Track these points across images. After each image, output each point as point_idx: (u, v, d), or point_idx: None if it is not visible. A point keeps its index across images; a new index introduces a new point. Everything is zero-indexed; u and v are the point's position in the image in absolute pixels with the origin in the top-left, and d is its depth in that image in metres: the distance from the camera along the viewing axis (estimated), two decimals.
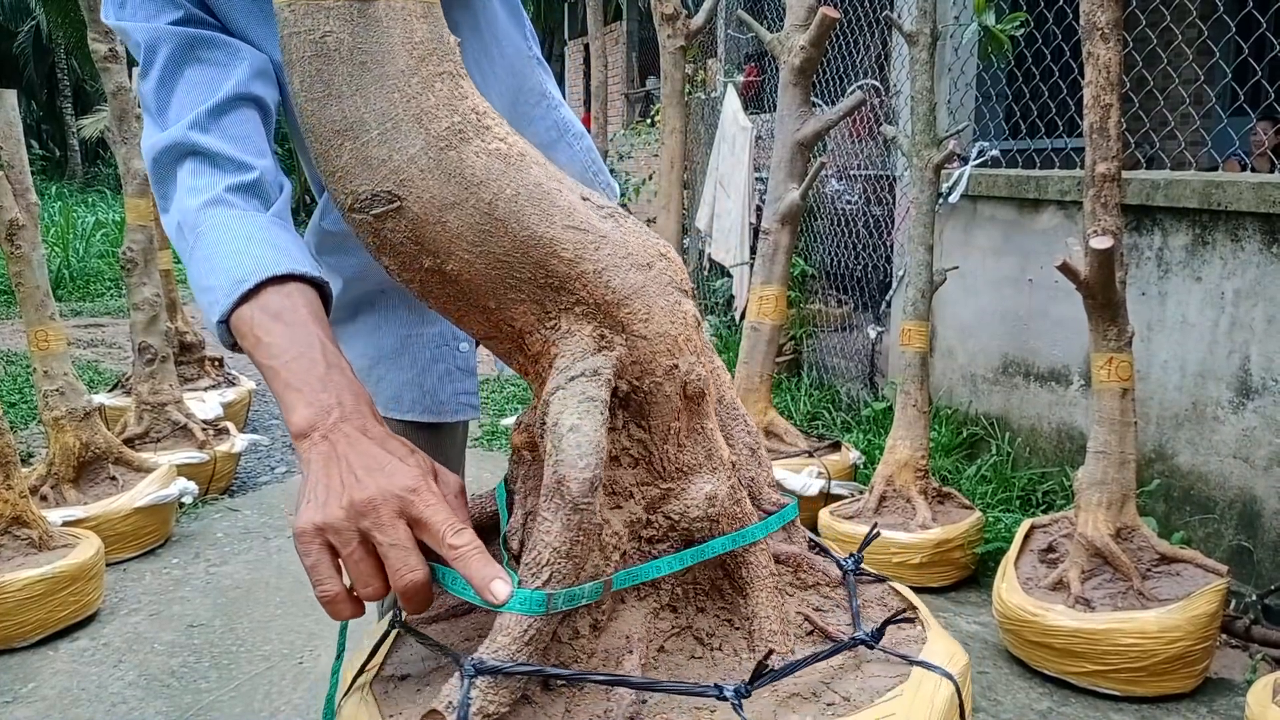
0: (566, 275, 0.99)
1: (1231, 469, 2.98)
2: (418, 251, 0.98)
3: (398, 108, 0.96)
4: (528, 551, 0.92)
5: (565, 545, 0.92)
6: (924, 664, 1.03)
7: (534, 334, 1.01)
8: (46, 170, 21.25)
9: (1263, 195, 2.84)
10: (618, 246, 1.01)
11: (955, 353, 4.22)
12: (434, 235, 0.97)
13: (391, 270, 1.01)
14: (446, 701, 0.84)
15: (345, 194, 0.97)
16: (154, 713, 2.47)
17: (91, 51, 3.86)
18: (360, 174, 0.96)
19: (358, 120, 0.96)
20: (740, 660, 1.02)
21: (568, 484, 0.91)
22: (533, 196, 0.98)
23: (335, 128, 0.96)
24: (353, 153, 0.96)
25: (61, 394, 3.38)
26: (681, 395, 1.03)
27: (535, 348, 1.02)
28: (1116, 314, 2.52)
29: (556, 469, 0.92)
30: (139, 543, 3.44)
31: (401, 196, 0.96)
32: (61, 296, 8.75)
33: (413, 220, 0.96)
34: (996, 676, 2.60)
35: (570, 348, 1.00)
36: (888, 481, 3.22)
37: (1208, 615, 2.39)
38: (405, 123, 0.97)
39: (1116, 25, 2.45)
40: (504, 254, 0.98)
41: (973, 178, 3.96)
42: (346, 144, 0.96)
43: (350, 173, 0.97)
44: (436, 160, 0.97)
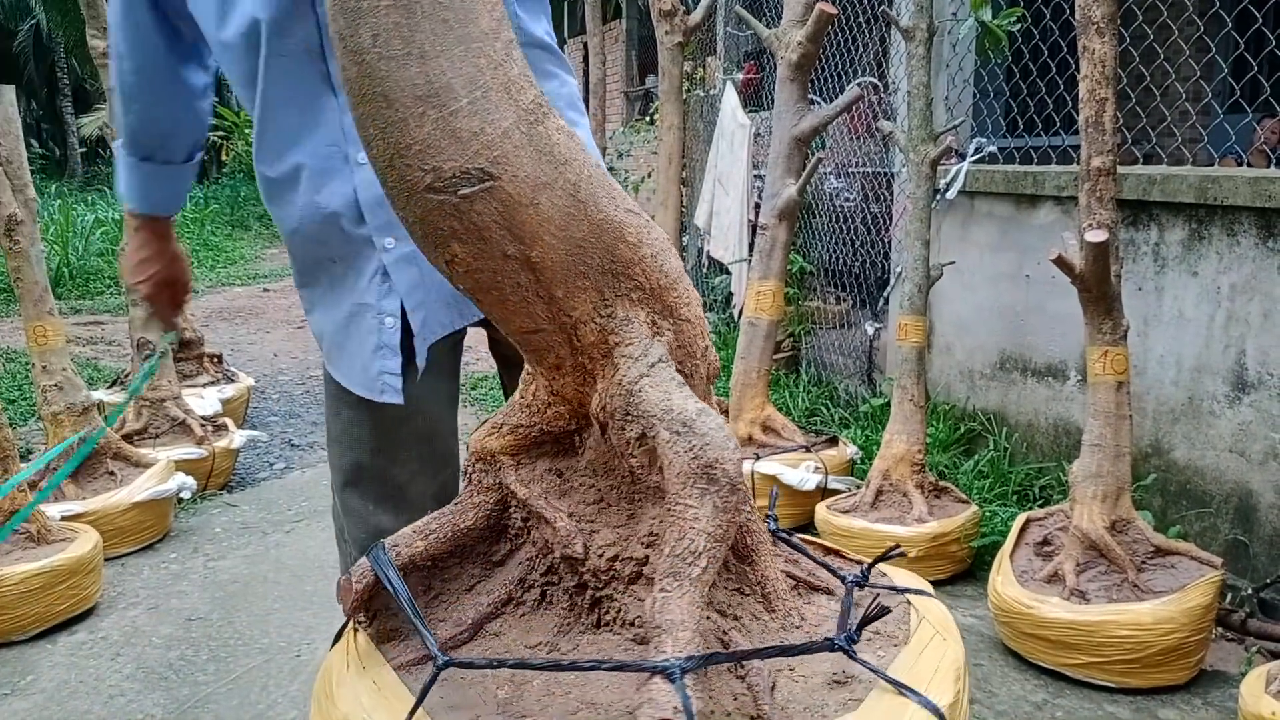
0: (629, 260, 0.95)
1: (1227, 463, 2.99)
2: (504, 237, 0.88)
3: (485, 74, 0.85)
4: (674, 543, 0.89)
5: (719, 529, 0.89)
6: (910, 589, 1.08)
7: (589, 323, 0.96)
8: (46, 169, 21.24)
9: (1259, 190, 2.84)
10: (662, 231, 1.01)
11: (953, 349, 4.22)
12: (525, 219, 0.88)
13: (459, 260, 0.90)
14: (671, 707, 0.81)
15: (424, 171, 0.85)
16: (151, 705, 2.48)
17: (90, 48, 3.87)
18: (447, 148, 0.84)
19: (444, 86, 0.84)
20: (765, 623, 1.02)
21: (722, 466, 0.89)
22: (600, 179, 0.93)
23: (418, 92, 0.83)
24: (437, 123, 0.84)
25: (60, 389, 3.38)
26: (706, 377, 1.04)
27: (589, 337, 0.96)
28: (1111, 307, 2.53)
29: (702, 453, 0.89)
30: (137, 537, 3.45)
31: (496, 175, 0.86)
32: (61, 294, 8.75)
33: (505, 202, 0.87)
34: (992, 669, 2.61)
35: (632, 334, 0.96)
36: (884, 476, 3.22)
37: (1202, 607, 2.40)
38: (495, 92, 0.86)
39: (1112, 19, 2.45)
40: (582, 238, 0.92)
41: (970, 174, 3.96)
42: (430, 113, 0.84)
43: (433, 146, 0.84)
44: (528, 135, 0.87)
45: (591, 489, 1.06)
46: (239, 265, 11.76)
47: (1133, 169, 3.30)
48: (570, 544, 1.01)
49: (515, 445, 1.07)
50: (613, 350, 0.96)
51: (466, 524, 1.08)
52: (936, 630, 1.05)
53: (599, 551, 1.01)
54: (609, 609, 1.02)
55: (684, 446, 0.90)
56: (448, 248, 0.89)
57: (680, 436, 0.90)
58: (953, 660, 1.00)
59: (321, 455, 4.60)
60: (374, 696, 0.97)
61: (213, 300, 9.29)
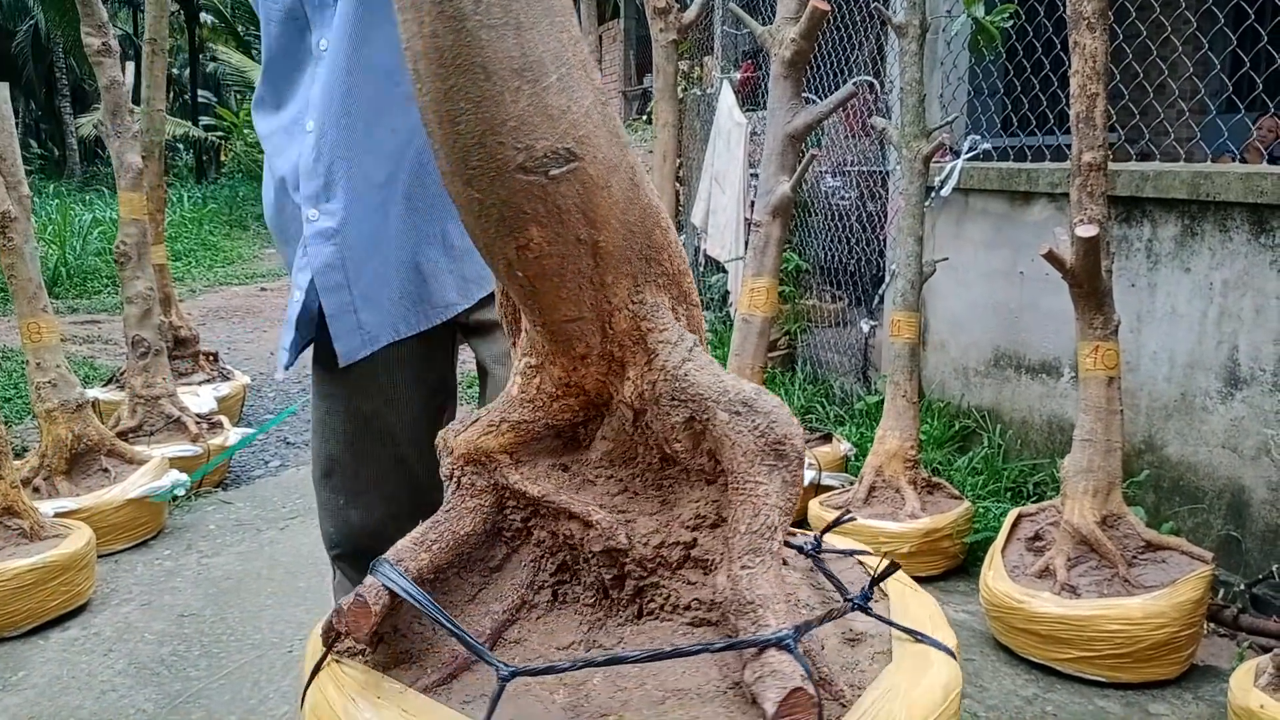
0: (661, 245, 0.94)
1: (1220, 459, 2.99)
2: (579, 221, 0.85)
3: (569, 50, 0.82)
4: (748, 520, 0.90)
5: (787, 503, 0.91)
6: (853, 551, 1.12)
7: (623, 310, 0.94)
8: (45, 169, 21.26)
9: (1250, 185, 2.85)
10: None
11: (947, 346, 4.23)
12: (600, 202, 0.85)
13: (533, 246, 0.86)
14: (799, 675, 0.82)
15: (517, 149, 0.81)
16: (143, 700, 2.48)
17: (85, 46, 3.87)
18: (541, 126, 0.81)
19: (537, 60, 0.80)
20: None
21: (791, 442, 0.90)
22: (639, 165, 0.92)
23: (514, 65, 0.79)
24: (531, 99, 0.80)
25: (54, 386, 3.39)
26: None
27: (622, 324, 0.95)
28: (1102, 302, 2.53)
29: (769, 430, 0.90)
30: (131, 534, 3.45)
31: (580, 156, 0.83)
32: (59, 294, 8.76)
33: (585, 184, 0.84)
34: (983, 664, 2.61)
35: (663, 320, 0.96)
36: (877, 472, 3.23)
37: (1193, 602, 2.40)
38: (577, 69, 0.83)
39: (1103, 14, 2.46)
40: (634, 223, 0.91)
41: (965, 171, 3.96)
42: (525, 88, 0.80)
43: (528, 124, 0.80)
44: (603, 116, 0.84)
45: (612, 480, 1.04)
46: (237, 265, 11.77)
47: (1126, 165, 3.31)
48: (614, 535, 0.99)
49: (515, 443, 1.03)
50: (645, 336, 0.95)
51: (465, 530, 1.03)
52: (904, 585, 1.09)
53: (643, 540, 1.00)
54: (653, 597, 1.00)
55: (748, 425, 0.91)
56: (525, 232, 0.85)
57: (741, 416, 0.91)
58: (935, 606, 1.05)
59: None
60: None
61: (210, 299, 9.29)
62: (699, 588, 0.99)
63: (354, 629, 0.94)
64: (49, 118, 25.16)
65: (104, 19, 3.85)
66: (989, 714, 2.38)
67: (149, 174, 4.38)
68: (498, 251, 0.88)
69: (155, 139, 4.64)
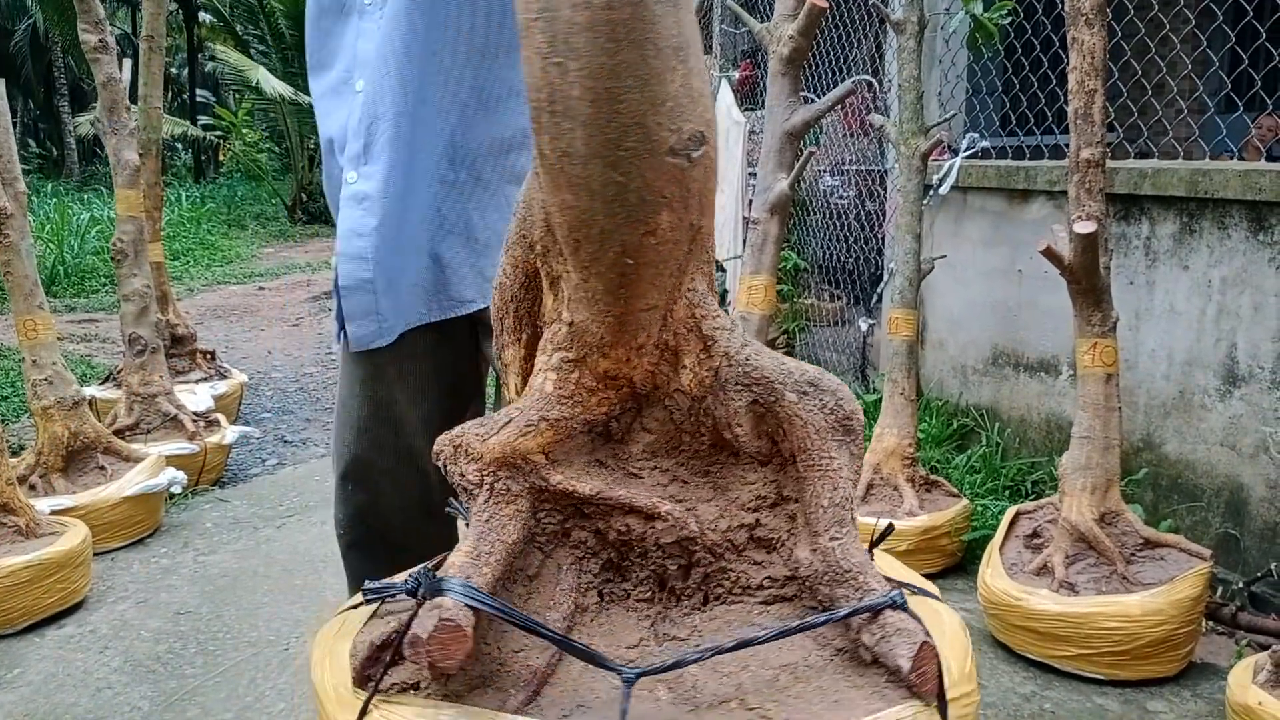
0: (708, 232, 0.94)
1: (1219, 457, 2.99)
2: (696, 205, 0.86)
3: (693, 31, 0.81)
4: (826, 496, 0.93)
5: (856, 474, 0.94)
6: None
7: (682, 297, 0.94)
8: (44, 169, 21.25)
9: (1249, 183, 2.84)
10: None
11: (946, 344, 4.22)
12: (712, 187, 0.87)
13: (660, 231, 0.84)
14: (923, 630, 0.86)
15: (670, 130, 0.80)
16: (139, 697, 2.47)
17: (81, 42, 3.86)
18: (689, 108, 0.80)
19: (688, 40, 0.79)
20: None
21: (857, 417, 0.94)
22: None
23: (674, 43, 0.78)
24: (683, 80, 0.79)
25: (50, 383, 3.38)
26: None
27: (680, 312, 0.95)
28: (1100, 299, 2.53)
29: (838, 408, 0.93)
30: (128, 532, 3.44)
31: (708, 140, 0.83)
32: (56, 292, 8.74)
33: (707, 168, 0.84)
34: (981, 661, 2.61)
35: (712, 306, 0.97)
36: (875, 469, 3.22)
37: (1191, 599, 2.39)
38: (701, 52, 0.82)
39: (1100, 10, 2.45)
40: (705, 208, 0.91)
41: (963, 169, 3.96)
42: (679, 67, 0.79)
43: (680, 105, 0.80)
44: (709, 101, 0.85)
45: (658, 471, 1.03)
46: (235, 264, 11.75)
47: (1124, 163, 3.31)
48: (685, 525, 0.99)
49: (553, 442, 0.99)
50: (700, 324, 0.96)
51: (513, 538, 0.97)
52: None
53: (711, 526, 1.00)
54: (720, 581, 1.01)
55: (816, 404, 0.94)
56: (656, 216, 0.83)
57: (810, 395, 0.94)
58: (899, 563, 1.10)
59: (315, 451, 4.60)
60: None
61: (208, 298, 9.29)
62: (767, 566, 1.01)
63: (444, 657, 0.85)
64: (47, 117, 25.13)
65: (101, 16, 3.84)
66: (987, 711, 2.37)
67: (146, 171, 4.38)
68: (616, 239, 0.84)
69: (152, 136, 4.63)
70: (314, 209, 15.89)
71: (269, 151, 17.77)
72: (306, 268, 11.38)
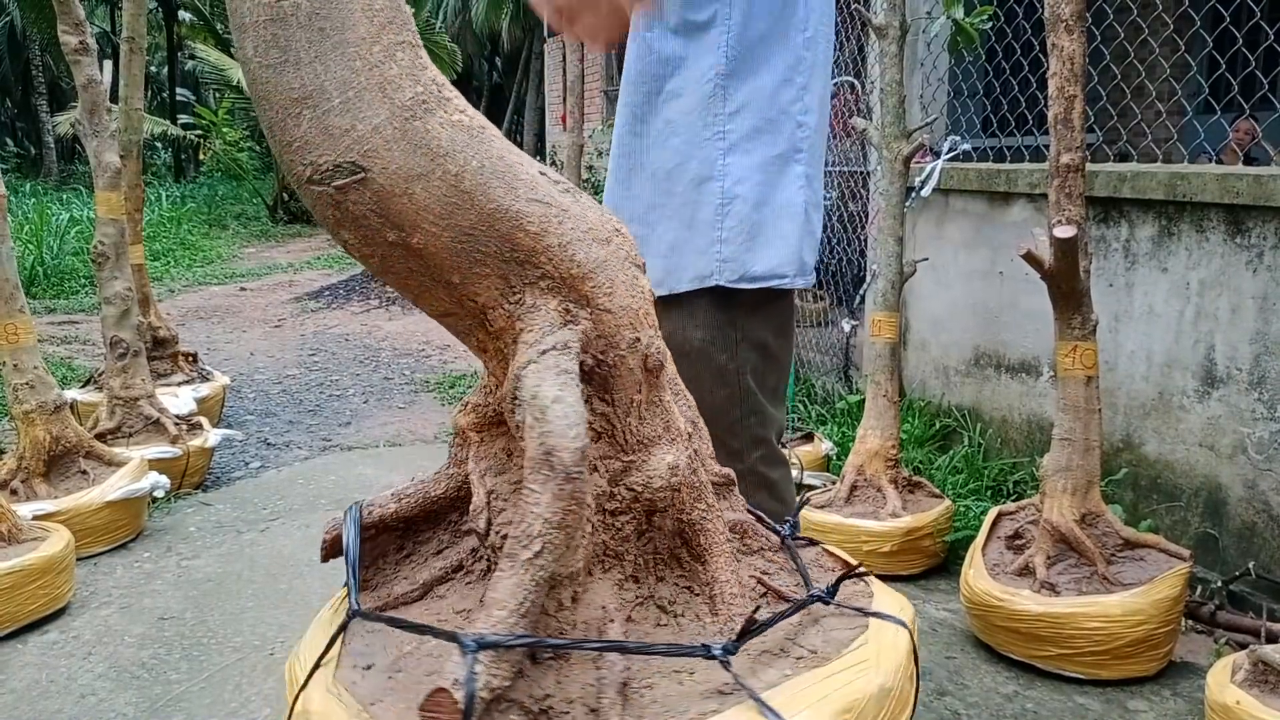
0: (532, 249, 0.98)
1: (1197, 457, 3.02)
2: (382, 225, 0.96)
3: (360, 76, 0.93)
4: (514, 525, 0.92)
5: (557, 515, 0.91)
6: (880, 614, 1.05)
7: (497, 309, 1.00)
8: (21, 168, 21.06)
9: (1226, 186, 2.88)
10: (579, 220, 1.01)
11: (928, 345, 4.25)
12: (400, 208, 0.95)
13: (351, 245, 0.99)
14: (452, 679, 0.83)
15: (304, 165, 0.94)
16: (123, 704, 2.46)
17: (61, 44, 3.83)
18: (321, 144, 0.93)
19: (317, 88, 0.93)
20: (704, 624, 1.03)
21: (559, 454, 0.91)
22: (497, 169, 0.97)
23: (293, 96, 0.93)
24: (312, 122, 0.93)
25: (31, 388, 3.36)
26: (643, 368, 1.04)
27: (499, 323, 1.01)
28: (1080, 303, 2.55)
29: (544, 440, 0.91)
30: (110, 537, 3.42)
31: (366, 167, 0.93)
32: (35, 294, 8.68)
33: (378, 192, 0.94)
34: (964, 661, 2.63)
35: (537, 322, 0.99)
36: (858, 471, 3.24)
37: (1171, 599, 2.42)
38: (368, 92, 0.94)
39: (1080, 17, 2.47)
40: (470, 227, 0.96)
41: (945, 171, 3.99)
42: (305, 113, 0.93)
43: (310, 143, 0.94)
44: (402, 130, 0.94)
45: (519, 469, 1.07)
46: (216, 264, 11.69)
47: (1103, 166, 3.34)
48: (476, 519, 1.05)
49: (477, 423, 1.10)
50: (519, 336, 1.00)
51: (437, 493, 1.14)
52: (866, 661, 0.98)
53: (499, 530, 1.04)
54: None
55: (535, 433, 0.92)
56: (339, 234, 0.98)
57: (536, 423, 0.93)
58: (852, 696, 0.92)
59: (298, 454, 4.59)
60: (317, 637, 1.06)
61: (189, 299, 9.23)
62: None
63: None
64: (25, 116, 24.92)
65: (81, 17, 3.82)
66: (970, 711, 2.40)
67: (127, 173, 4.35)
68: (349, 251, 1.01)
69: (133, 138, 4.61)
70: (295, 208, 15.80)
71: (250, 151, 17.66)
72: (288, 268, 11.33)
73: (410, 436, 4.89)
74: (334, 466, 4.39)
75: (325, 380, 6.15)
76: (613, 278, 1.02)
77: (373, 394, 5.80)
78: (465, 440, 1.12)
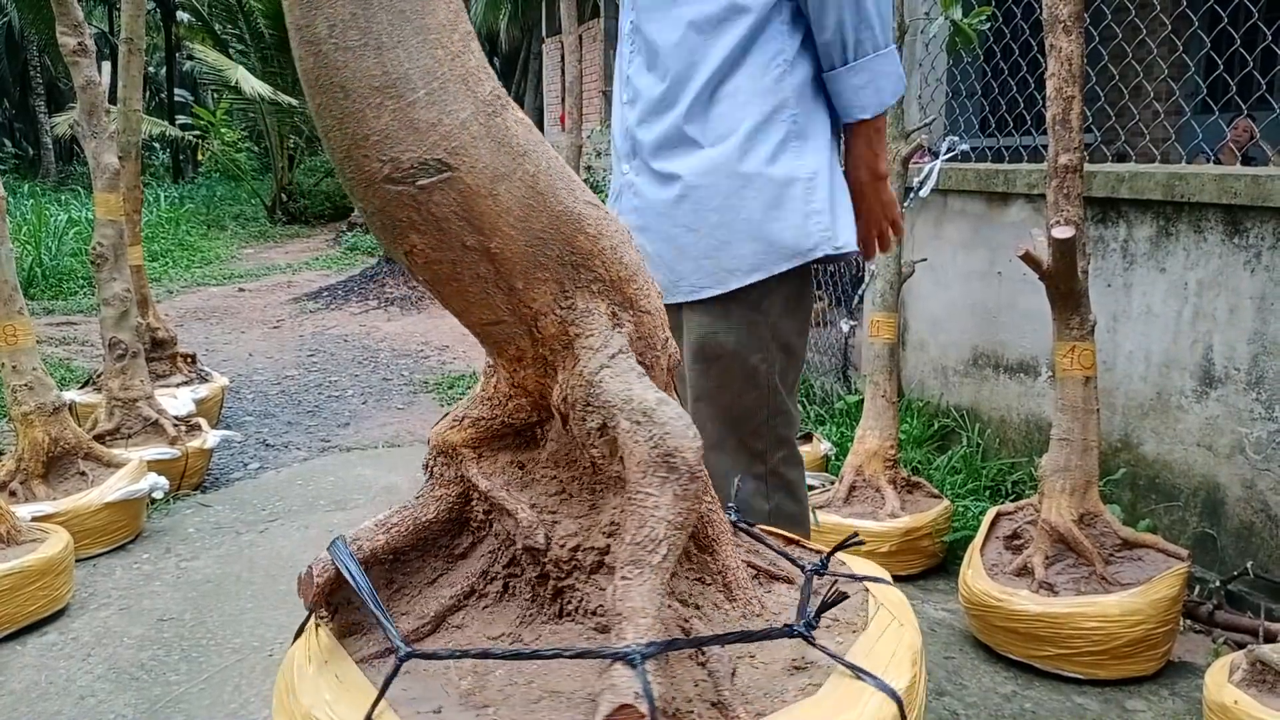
0: (589, 252, 0.95)
1: (1195, 457, 3.02)
2: (463, 228, 0.89)
3: (443, 66, 0.86)
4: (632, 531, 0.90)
5: (680, 516, 0.90)
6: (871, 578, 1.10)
7: (549, 315, 0.97)
8: (20, 169, 21.05)
9: (1224, 187, 2.88)
10: (619, 224, 1.02)
11: (927, 345, 4.25)
12: (484, 209, 0.89)
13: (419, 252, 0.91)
14: (632, 693, 0.81)
15: (382, 161, 0.86)
16: (123, 705, 2.46)
17: (60, 45, 3.83)
18: (405, 138, 0.85)
19: (401, 77, 0.84)
20: (725, 611, 1.04)
21: (682, 454, 0.89)
22: (560, 171, 0.94)
23: (374, 84, 0.84)
24: (395, 113, 0.85)
25: (30, 389, 3.36)
26: (667, 368, 1.05)
27: (549, 330, 0.97)
28: (1079, 303, 2.56)
29: (661, 442, 0.89)
30: (109, 538, 3.42)
31: (454, 166, 0.87)
32: (34, 295, 8.67)
33: (463, 192, 0.88)
34: (962, 661, 2.63)
35: (592, 325, 0.97)
36: (857, 471, 3.24)
37: (1169, 599, 2.42)
38: (453, 84, 0.86)
39: (1078, 18, 2.48)
40: (541, 230, 0.92)
41: (943, 172, 3.99)
42: (388, 103, 0.84)
43: (391, 137, 0.85)
44: (486, 127, 0.88)
45: (553, 480, 1.06)
46: (214, 265, 11.69)
47: (1101, 166, 3.34)
48: (532, 535, 1.01)
49: (477, 438, 1.07)
50: (573, 342, 0.97)
51: (428, 517, 1.08)
52: (894, 616, 1.06)
53: (560, 542, 1.01)
54: (570, 599, 1.02)
55: (644, 435, 0.90)
56: (407, 239, 0.89)
57: (640, 426, 0.91)
58: (909, 645, 1.01)
59: (297, 455, 4.59)
60: (336, 690, 0.97)
61: (188, 300, 9.23)
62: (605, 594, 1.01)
63: (303, 598, 1.02)
64: (23, 116, 24.89)
65: (79, 19, 3.82)
66: (968, 711, 2.40)
67: (125, 174, 4.35)
68: (396, 255, 0.92)
69: (131, 139, 4.61)
70: (294, 209, 15.81)
71: (248, 151, 17.67)
72: (287, 269, 11.33)
73: (409, 437, 4.89)
74: (333, 467, 4.39)
75: (324, 381, 6.15)
76: (648, 279, 1.02)
77: (371, 395, 5.80)
78: (457, 457, 1.07)
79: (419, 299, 8.61)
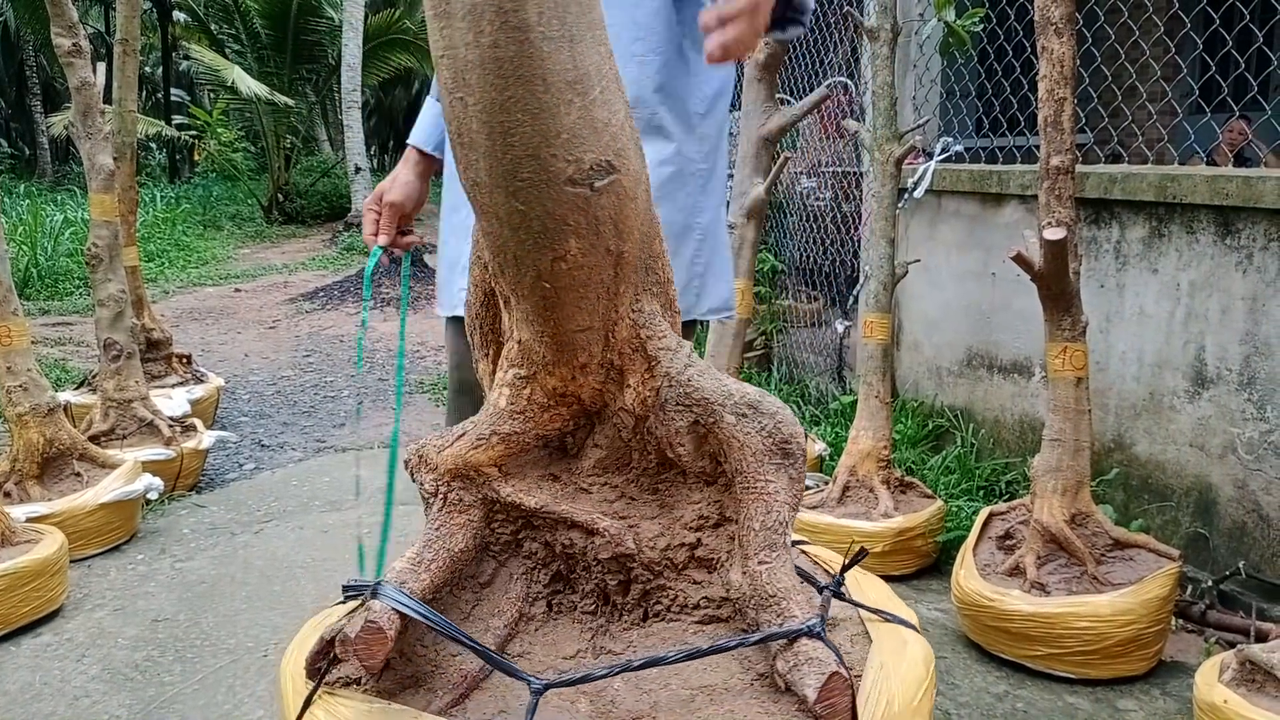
0: (658, 254, 0.95)
1: (1188, 458, 3.03)
2: (611, 232, 0.86)
3: (606, 64, 0.82)
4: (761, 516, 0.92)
5: (794, 499, 0.93)
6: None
7: (625, 319, 0.95)
8: (15, 169, 21.00)
9: (1216, 188, 2.89)
10: None
11: (921, 346, 4.26)
12: (629, 214, 0.86)
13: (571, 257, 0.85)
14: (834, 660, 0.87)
15: (567, 160, 0.80)
16: (117, 706, 2.47)
17: (55, 46, 3.83)
18: (588, 138, 0.80)
19: (586, 73, 0.80)
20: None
21: (796, 441, 0.93)
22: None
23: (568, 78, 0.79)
24: (581, 111, 0.80)
25: (25, 390, 3.36)
26: None
27: (624, 333, 0.95)
28: (1070, 304, 2.56)
29: (775, 431, 0.93)
30: (104, 539, 3.42)
31: (618, 168, 0.83)
32: (29, 295, 8.66)
33: (619, 196, 0.84)
34: (955, 661, 2.64)
35: (659, 327, 0.97)
36: (851, 471, 3.25)
37: (1160, 599, 2.43)
38: (614, 82, 0.83)
39: (1069, 20, 2.49)
40: (644, 234, 0.91)
41: (937, 173, 4.00)
42: (575, 100, 0.79)
43: (577, 136, 0.80)
44: (633, 130, 0.85)
45: (607, 487, 1.04)
46: (211, 265, 11.67)
47: (1094, 167, 3.35)
48: (622, 541, 1.00)
49: (505, 455, 1.02)
50: (645, 344, 0.96)
51: (460, 547, 1.02)
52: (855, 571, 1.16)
53: (649, 544, 1.01)
54: (659, 599, 1.01)
55: (755, 427, 0.93)
56: (564, 244, 0.84)
57: (748, 418, 0.93)
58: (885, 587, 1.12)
59: (292, 455, 4.60)
60: None
61: (184, 300, 9.23)
62: (706, 586, 1.01)
63: (367, 656, 0.90)
64: (19, 116, 24.84)
65: (74, 19, 3.82)
66: (960, 711, 2.41)
67: (121, 175, 4.35)
68: (529, 264, 0.86)
69: (127, 140, 4.61)
70: (290, 209, 15.79)
71: (244, 151, 17.62)
72: (283, 269, 11.32)
73: (405, 438, 4.89)
74: (328, 468, 4.39)
75: (320, 382, 6.15)
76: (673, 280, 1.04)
77: (367, 395, 5.80)
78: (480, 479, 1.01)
79: (414, 299, 8.61)
